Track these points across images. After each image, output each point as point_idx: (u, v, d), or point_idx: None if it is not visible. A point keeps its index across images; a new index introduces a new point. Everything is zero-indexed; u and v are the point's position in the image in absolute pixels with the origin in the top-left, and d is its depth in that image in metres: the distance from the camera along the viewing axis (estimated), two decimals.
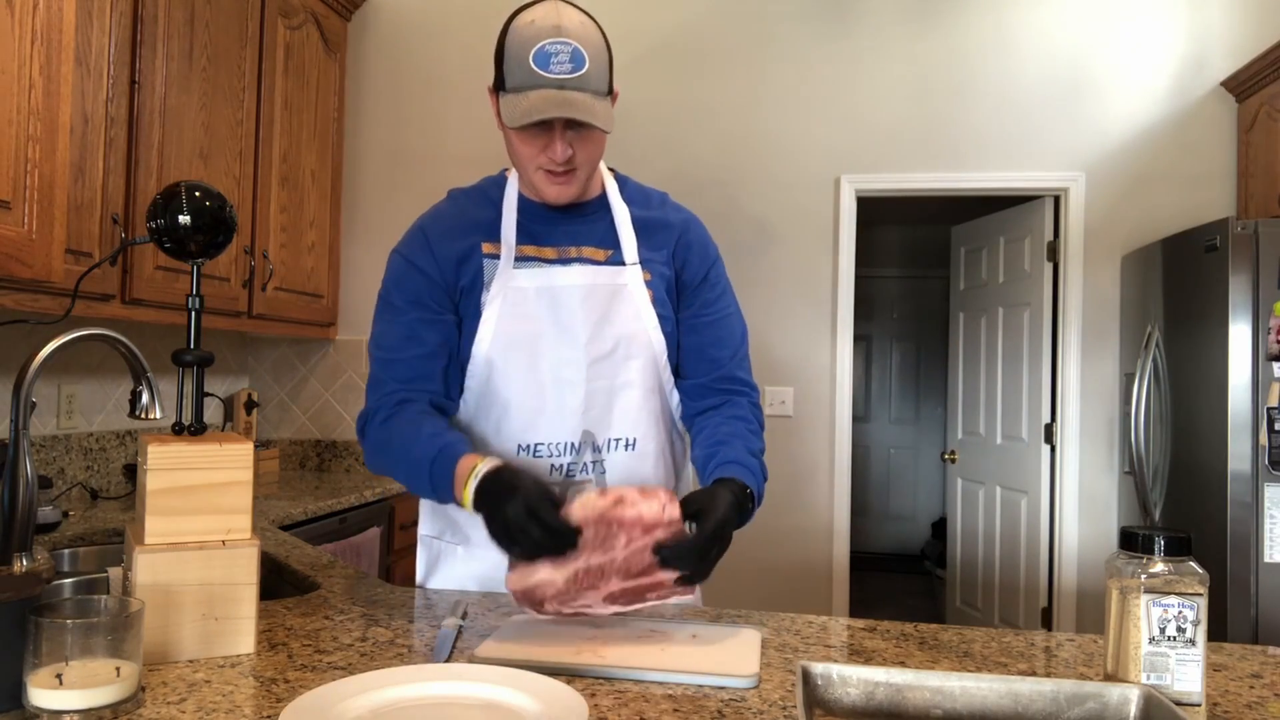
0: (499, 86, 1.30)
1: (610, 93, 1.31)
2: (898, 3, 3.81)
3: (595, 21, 1.31)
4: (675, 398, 1.47)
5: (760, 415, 1.47)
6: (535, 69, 1.23)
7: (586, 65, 1.24)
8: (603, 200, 1.43)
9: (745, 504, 1.27)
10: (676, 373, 1.46)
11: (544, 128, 1.27)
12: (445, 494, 1.22)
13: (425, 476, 1.23)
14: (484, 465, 1.16)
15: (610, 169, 1.48)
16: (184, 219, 1.15)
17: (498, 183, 1.45)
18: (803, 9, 3.85)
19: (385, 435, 1.31)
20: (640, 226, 1.43)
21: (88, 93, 2.12)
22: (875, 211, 5.55)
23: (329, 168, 3.29)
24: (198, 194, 1.17)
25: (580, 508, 1.09)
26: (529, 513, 1.07)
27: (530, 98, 1.23)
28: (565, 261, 1.38)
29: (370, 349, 1.41)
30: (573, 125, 1.27)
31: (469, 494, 1.16)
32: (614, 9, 3.83)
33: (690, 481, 1.54)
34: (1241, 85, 3.48)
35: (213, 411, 3.23)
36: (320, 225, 3.24)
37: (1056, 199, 3.78)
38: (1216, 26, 3.62)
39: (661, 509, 1.10)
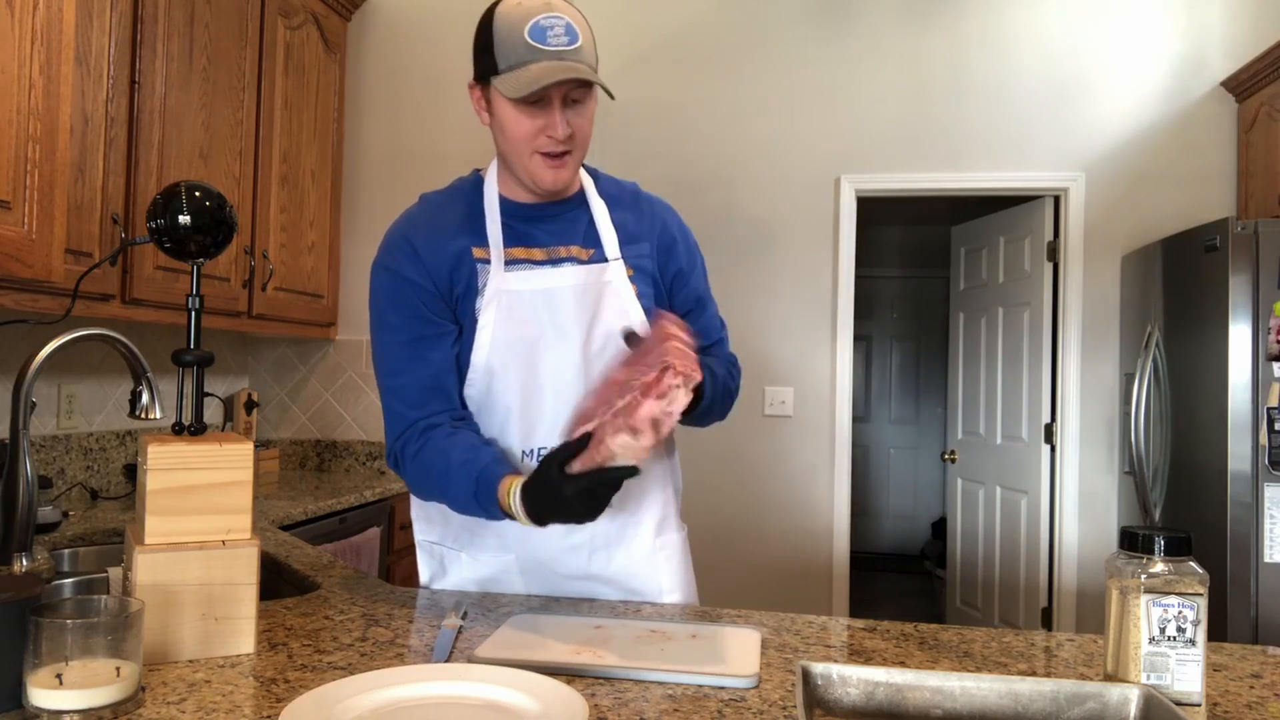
0: (490, 71, 1.27)
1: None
2: (898, 3, 3.81)
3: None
4: None
5: (738, 365, 1.50)
6: (532, 43, 1.22)
7: (580, 40, 1.24)
8: (581, 197, 1.41)
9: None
10: None
11: (543, 106, 1.26)
12: (501, 519, 1.23)
13: (476, 509, 1.24)
14: (514, 498, 1.17)
15: (582, 164, 1.46)
16: (184, 219, 1.15)
17: (474, 183, 1.41)
18: (802, 10, 3.85)
19: (421, 473, 1.31)
20: (619, 222, 1.41)
21: (88, 93, 2.11)
22: (875, 211, 5.55)
23: (329, 168, 3.29)
24: (198, 194, 1.17)
25: (634, 456, 1.08)
26: (585, 497, 1.09)
27: (533, 69, 1.22)
28: (555, 262, 1.36)
29: (377, 376, 1.37)
30: (568, 104, 1.27)
31: (526, 521, 1.17)
32: (614, 9, 3.83)
33: (679, 481, 1.54)
34: (1241, 85, 3.48)
35: (213, 411, 3.23)
36: (320, 225, 3.24)
37: (1056, 199, 3.78)
38: (1216, 26, 3.62)
39: (687, 393, 1.07)
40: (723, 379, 1.39)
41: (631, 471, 1.08)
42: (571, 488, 1.09)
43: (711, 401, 1.33)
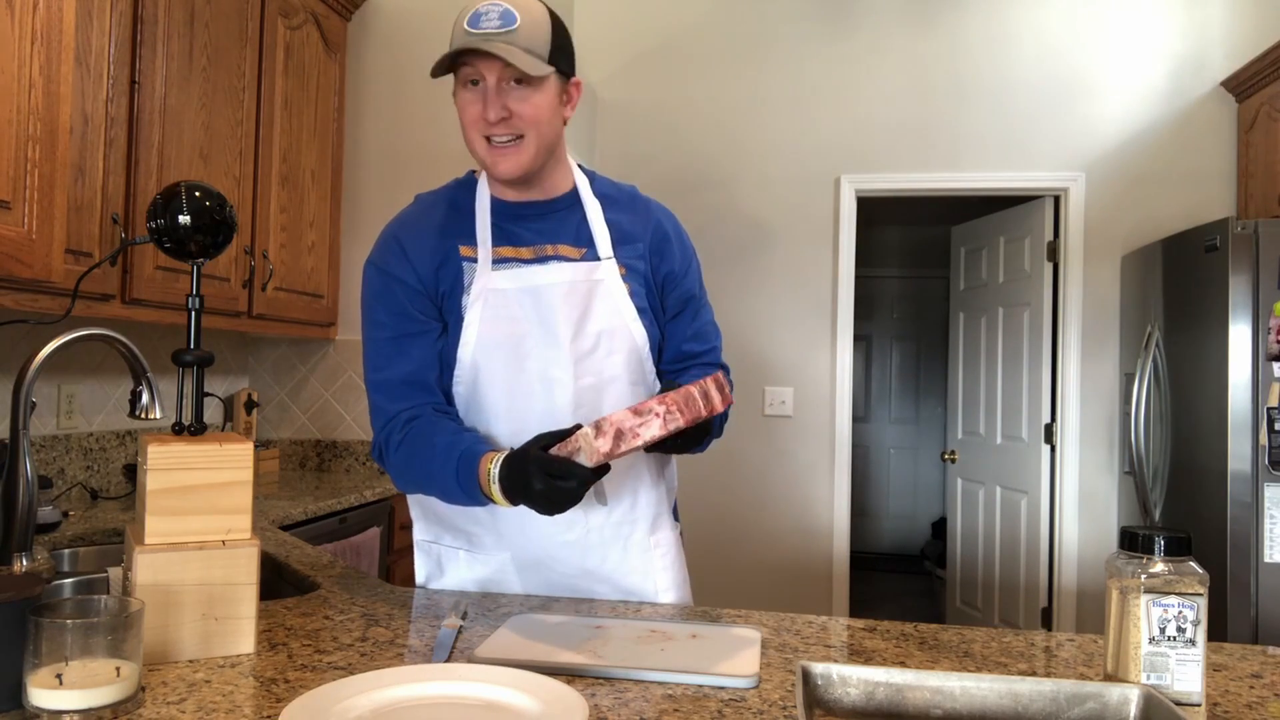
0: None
1: (559, 69, 1.30)
2: (898, 3, 3.81)
3: (549, 8, 1.31)
4: (658, 389, 1.46)
5: (730, 379, 1.47)
6: (468, 29, 1.25)
7: (517, 22, 1.25)
8: (573, 196, 1.42)
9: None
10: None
11: (481, 90, 1.28)
12: (484, 502, 1.24)
13: (460, 494, 1.25)
14: (494, 467, 1.18)
15: (579, 164, 1.46)
16: (184, 219, 1.15)
17: (466, 184, 1.43)
18: (803, 9, 3.85)
19: (405, 461, 1.32)
20: (613, 222, 1.42)
21: (88, 93, 2.11)
22: (875, 211, 5.55)
23: (329, 167, 3.29)
24: (198, 194, 1.17)
25: (588, 457, 1.10)
26: (552, 484, 1.10)
27: (454, 49, 1.25)
28: (543, 260, 1.37)
29: (364, 371, 1.40)
30: (509, 88, 1.27)
31: (500, 498, 1.19)
32: (615, 9, 3.83)
33: (674, 479, 1.53)
34: (1241, 85, 3.48)
35: (213, 411, 3.23)
36: (320, 225, 3.24)
37: (1056, 199, 3.78)
38: (1216, 26, 3.62)
39: (662, 426, 1.09)
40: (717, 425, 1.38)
41: (588, 475, 1.10)
42: (539, 469, 1.11)
43: (698, 444, 1.33)
